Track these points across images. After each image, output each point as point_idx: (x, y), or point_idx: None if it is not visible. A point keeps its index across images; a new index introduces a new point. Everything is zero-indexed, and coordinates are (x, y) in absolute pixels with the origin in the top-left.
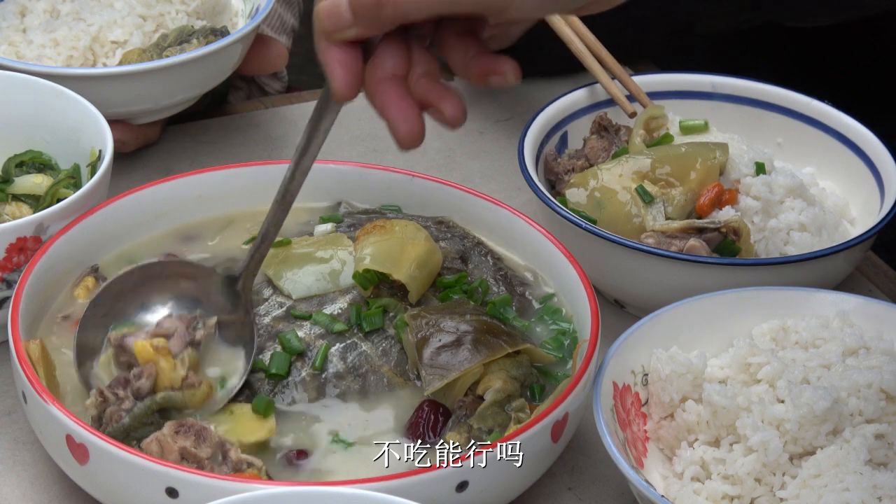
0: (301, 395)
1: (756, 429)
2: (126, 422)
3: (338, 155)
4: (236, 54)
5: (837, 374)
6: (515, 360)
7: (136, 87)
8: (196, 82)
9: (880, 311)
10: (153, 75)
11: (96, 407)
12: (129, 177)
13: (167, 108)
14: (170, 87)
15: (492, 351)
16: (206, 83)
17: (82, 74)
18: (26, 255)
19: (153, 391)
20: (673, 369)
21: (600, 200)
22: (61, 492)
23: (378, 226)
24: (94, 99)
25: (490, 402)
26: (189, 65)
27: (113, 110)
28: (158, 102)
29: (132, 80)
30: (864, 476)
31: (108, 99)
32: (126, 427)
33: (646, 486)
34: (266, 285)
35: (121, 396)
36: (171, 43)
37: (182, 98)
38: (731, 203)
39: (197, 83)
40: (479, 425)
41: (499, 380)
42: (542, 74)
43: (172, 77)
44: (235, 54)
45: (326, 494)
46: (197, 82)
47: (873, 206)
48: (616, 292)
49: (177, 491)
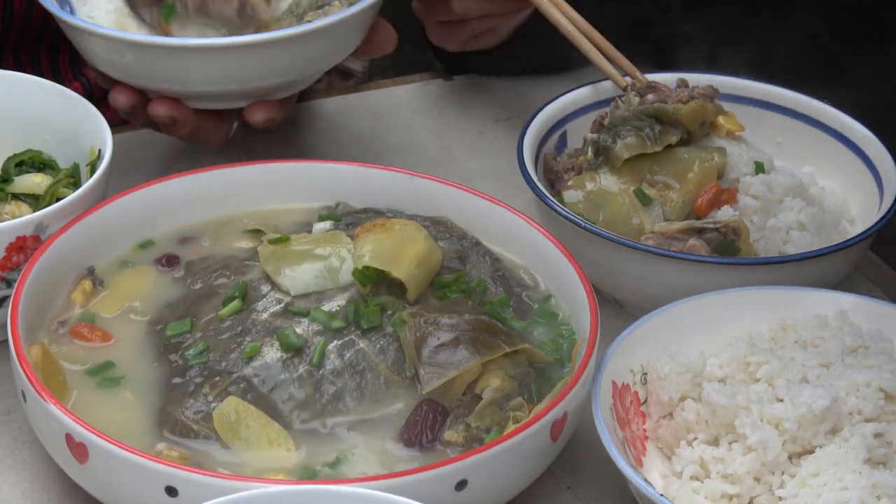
0: (298, 392)
1: (755, 428)
2: None
3: (337, 155)
4: (369, 18)
5: (836, 373)
6: (513, 359)
7: (280, 56)
8: (339, 48)
9: (879, 310)
10: (299, 42)
11: None
12: (129, 177)
13: (304, 81)
14: (314, 54)
15: (490, 350)
16: (346, 49)
17: (224, 45)
18: (26, 254)
19: None
20: (672, 368)
21: (598, 203)
22: (61, 491)
23: (378, 224)
24: (232, 74)
25: (488, 400)
26: (335, 28)
27: (252, 85)
28: (302, 73)
29: (277, 48)
30: (862, 475)
31: (248, 73)
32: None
33: (645, 485)
34: (264, 281)
35: None
36: (307, 8)
37: (324, 66)
38: (730, 203)
39: (339, 49)
40: (477, 424)
41: (497, 378)
42: (536, 72)
43: (317, 43)
44: (369, 18)
45: (326, 493)
46: (340, 48)
47: (872, 205)
48: (615, 292)
49: (176, 490)
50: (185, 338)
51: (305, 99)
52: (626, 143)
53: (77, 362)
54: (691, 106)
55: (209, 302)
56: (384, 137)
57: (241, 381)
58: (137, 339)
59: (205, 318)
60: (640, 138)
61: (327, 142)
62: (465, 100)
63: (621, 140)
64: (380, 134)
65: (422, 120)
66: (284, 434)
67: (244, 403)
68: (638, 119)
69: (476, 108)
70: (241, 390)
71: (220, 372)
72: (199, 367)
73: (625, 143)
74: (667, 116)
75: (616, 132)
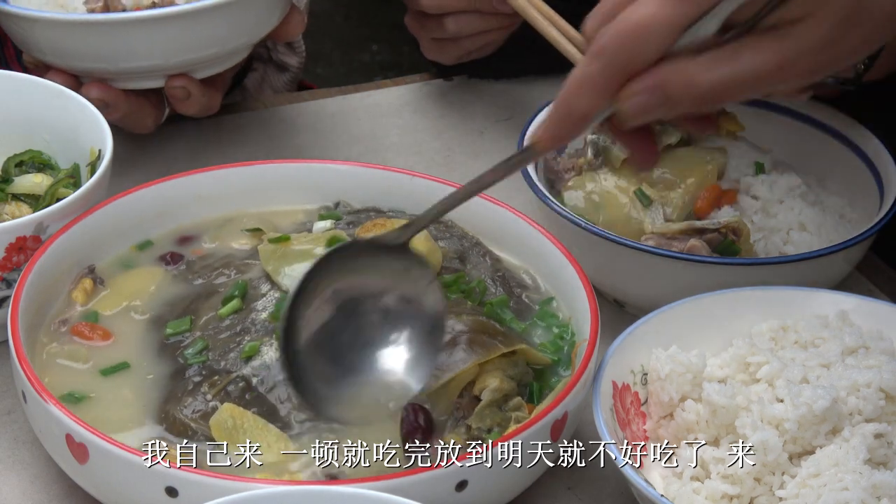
0: None
1: (755, 428)
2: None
3: (337, 155)
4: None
5: (837, 374)
6: (511, 359)
7: (201, 27)
8: (262, 19)
9: (880, 310)
10: (218, 12)
11: None
12: (129, 177)
13: (226, 57)
14: (236, 25)
15: (487, 351)
16: (269, 21)
17: (144, 17)
18: (26, 254)
19: None
20: (672, 368)
21: (598, 203)
22: (61, 491)
23: (379, 224)
24: (154, 48)
25: (487, 402)
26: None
27: (176, 59)
28: (223, 47)
29: (198, 18)
30: (863, 475)
31: (170, 45)
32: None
33: (645, 486)
34: (264, 280)
35: None
36: None
37: (247, 41)
38: (730, 203)
39: (262, 20)
40: (478, 425)
41: (495, 379)
42: (535, 73)
43: (238, 13)
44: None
45: (326, 494)
46: (262, 19)
47: (872, 205)
48: (616, 292)
49: (176, 490)
50: (185, 336)
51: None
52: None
53: (79, 361)
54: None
55: (208, 300)
56: (384, 137)
57: (239, 380)
58: (137, 337)
59: (204, 317)
60: None
61: (327, 142)
62: (466, 100)
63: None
64: (380, 134)
65: (422, 120)
66: (283, 436)
67: (239, 409)
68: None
69: (476, 109)
70: (240, 389)
71: (219, 371)
72: (198, 365)
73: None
74: None
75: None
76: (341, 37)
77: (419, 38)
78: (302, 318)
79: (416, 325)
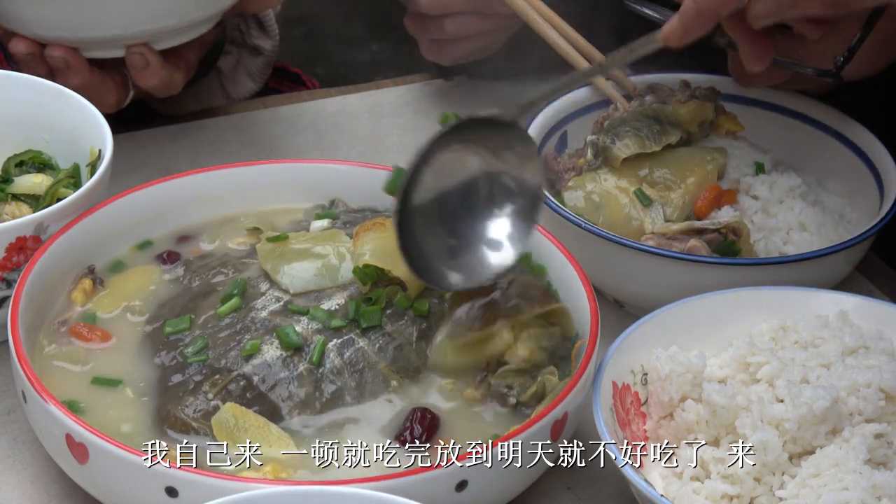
0: (298, 390)
1: (755, 428)
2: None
3: (337, 154)
4: None
5: (837, 374)
6: (548, 331)
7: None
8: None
9: (880, 310)
10: None
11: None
12: (129, 177)
13: (187, 29)
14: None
15: (518, 311)
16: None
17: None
18: (26, 254)
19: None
20: (672, 369)
21: (598, 203)
22: (61, 491)
23: (378, 223)
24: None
25: (511, 367)
26: None
27: (136, 29)
28: (184, 17)
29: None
30: (863, 475)
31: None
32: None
33: (645, 486)
34: (263, 279)
35: None
36: None
37: (205, 13)
38: (730, 203)
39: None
40: (497, 381)
41: (526, 349)
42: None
43: None
44: None
45: (326, 494)
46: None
47: (872, 205)
48: (616, 292)
49: (176, 490)
50: (184, 335)
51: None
52: (623, 143)
53: (78, 362)
54: (690, 106)
55: (207, 299)
56: (384, 137)
57: (240, 378)
58: (136, 338)
59: (203, 316)
60: (638, 139)
61: (327, 142)
62: (466, 100)
63: (619, 141)
64: (380, 134)
65: (422, 120)
66: (284, 436)
67: (241, 408)
68: (636, 120)
69: (476, 109)
70: (241, 388)
71: (220, 370)
72: (198, 364)
73: (623, 144)
74: (666, 117)
75: (615, 133)
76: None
77: (418, 39)
78: (415, 186)
79: (517, 198)
